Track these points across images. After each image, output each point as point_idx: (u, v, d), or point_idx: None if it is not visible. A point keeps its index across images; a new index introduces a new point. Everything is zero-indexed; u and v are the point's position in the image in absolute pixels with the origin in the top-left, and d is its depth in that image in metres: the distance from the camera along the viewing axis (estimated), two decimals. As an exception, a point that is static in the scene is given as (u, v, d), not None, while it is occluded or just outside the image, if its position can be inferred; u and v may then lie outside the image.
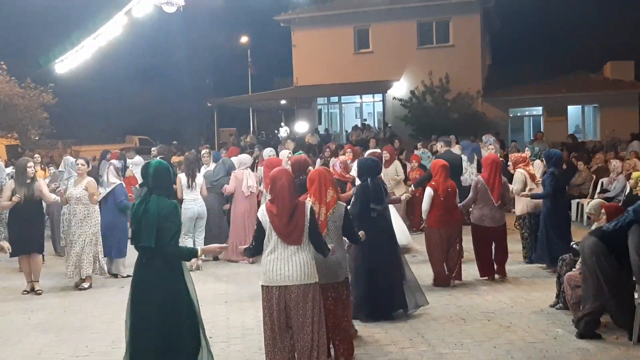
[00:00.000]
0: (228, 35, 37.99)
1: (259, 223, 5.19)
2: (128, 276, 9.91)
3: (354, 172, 9.21)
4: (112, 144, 29.01)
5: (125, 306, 5.01)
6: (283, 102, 31.32)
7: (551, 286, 7.94)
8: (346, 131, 29.14)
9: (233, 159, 11.84)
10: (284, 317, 5.08)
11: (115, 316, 7.75)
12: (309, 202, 5.41)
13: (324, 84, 28.18)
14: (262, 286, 5.15)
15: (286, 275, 5.02)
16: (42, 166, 14.44)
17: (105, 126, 37.35)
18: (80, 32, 18.07)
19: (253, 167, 13.13)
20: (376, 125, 28.66)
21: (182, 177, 10.50)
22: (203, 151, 13.90)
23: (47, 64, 20.49)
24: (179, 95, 40.90)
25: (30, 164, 9.28)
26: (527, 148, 13.57)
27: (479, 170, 12.82)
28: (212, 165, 12.23)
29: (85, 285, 9.28)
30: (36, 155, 15.41)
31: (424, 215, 8.85)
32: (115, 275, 9.95)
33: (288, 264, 5.04)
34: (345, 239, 5.98)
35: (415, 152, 15.42)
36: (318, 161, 16.33)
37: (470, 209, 9.40)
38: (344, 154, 11.91)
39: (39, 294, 9.00)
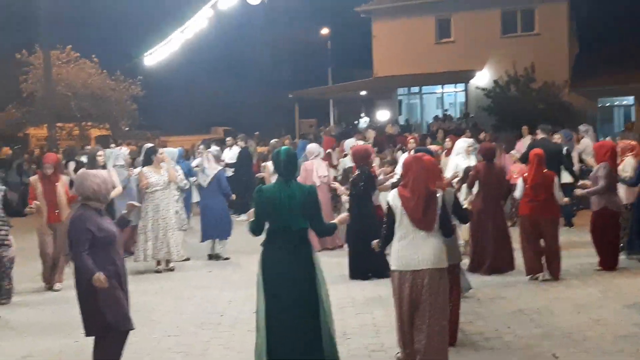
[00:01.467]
0: (309, 27, 38.24)
1: (389, 208, 5.25)
2: (226, 259, 10.36)
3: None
4: (197, 134, 29.74)
5: (212, 289, 5.13)
6: (363, 93, 31.28)
7: (645, 279, 7.67)
8: (427, 122, 28.82)
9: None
10: (415, 300, 5.12)
11: (203, 298, 8.05)
12: (439, 190, 5.35)
13: (404, 75, 27.95)
14: (394, 271, 5.21)
15: (420, 259, 5.08)
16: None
17: (191, 117, 38.25)
18: (168, 26, 18.69)
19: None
20: (458, 115, 28.19)
21: (269, 166, 10.83)
22: (272, 141, 14.37)
23: (137, 57, 21.31)
24: (260, 86, 41.49)
25: (100, 152, 9.48)
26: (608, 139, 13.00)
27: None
28: None
29: (171, 265, 9.69)
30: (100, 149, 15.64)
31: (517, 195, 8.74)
32: (217, 257, 10.39)
33: (422, 248, 5.09)
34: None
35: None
36: (399, 153, 16.24)
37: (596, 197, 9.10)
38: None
39: None
